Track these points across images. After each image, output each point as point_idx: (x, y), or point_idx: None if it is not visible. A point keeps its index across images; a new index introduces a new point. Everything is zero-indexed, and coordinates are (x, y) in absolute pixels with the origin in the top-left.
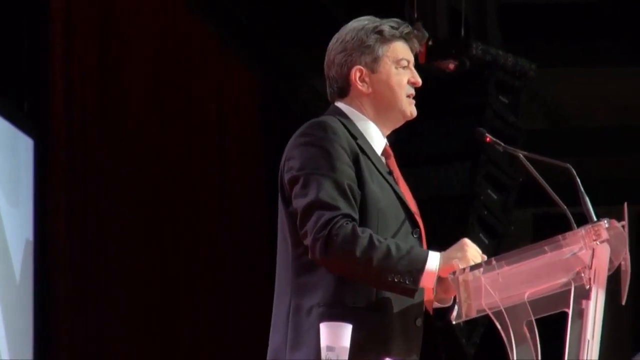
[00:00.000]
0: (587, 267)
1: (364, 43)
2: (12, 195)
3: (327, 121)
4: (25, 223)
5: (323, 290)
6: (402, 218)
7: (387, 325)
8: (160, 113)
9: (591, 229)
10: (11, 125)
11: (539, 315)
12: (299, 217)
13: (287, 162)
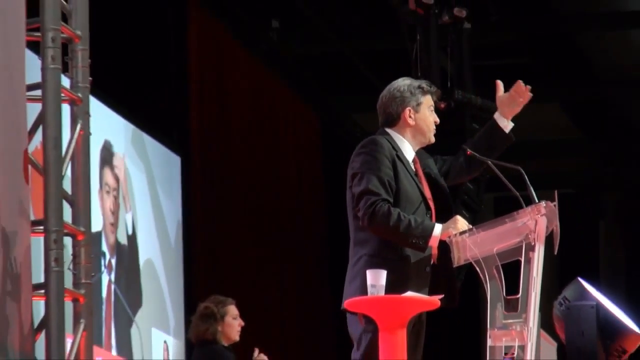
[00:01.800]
0: (532, 231)
1: (412, 93)
2: (168, 192)
3: (377, 138)
4: (177, 210)
5: (369, 246)
6: (421, 204)
7: (408, 271)
8: (255, 143)
9: (535, 207)
10: (166, 148)
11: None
12: (355, 199)
13: (350, 164)
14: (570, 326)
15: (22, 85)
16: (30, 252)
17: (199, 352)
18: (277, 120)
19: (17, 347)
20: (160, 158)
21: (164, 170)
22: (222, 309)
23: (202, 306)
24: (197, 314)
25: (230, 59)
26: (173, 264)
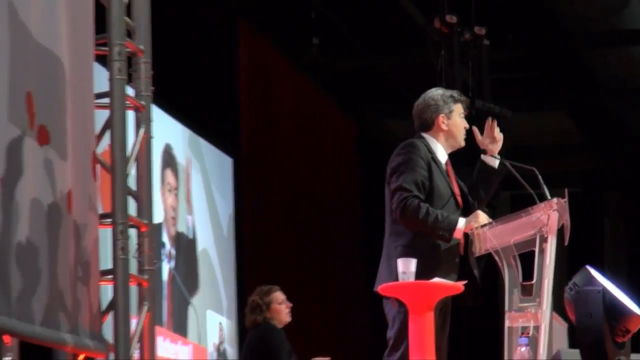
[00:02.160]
0: (545, 225)
1: (445, 102)
2: (221, 190)
3: (415, 142)
4: (229, 205)
5: (404, 238)
6: (451, 201)
7: (439, 259)
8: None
9: (547, 203)
10: (219, 151)
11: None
12: (391, 194)
13: (390, 163)
14: (580, 309)
15: (90, 94)
16: (98, 242)
17: (252, 332)
18: (317, 126)
19: (87, 327)
20: (214, 160)
21: (217, 170)
22: (267, 298)
23: (250, 300)
24: (247, 307)
25: (276, 71)
26: (226, 253)
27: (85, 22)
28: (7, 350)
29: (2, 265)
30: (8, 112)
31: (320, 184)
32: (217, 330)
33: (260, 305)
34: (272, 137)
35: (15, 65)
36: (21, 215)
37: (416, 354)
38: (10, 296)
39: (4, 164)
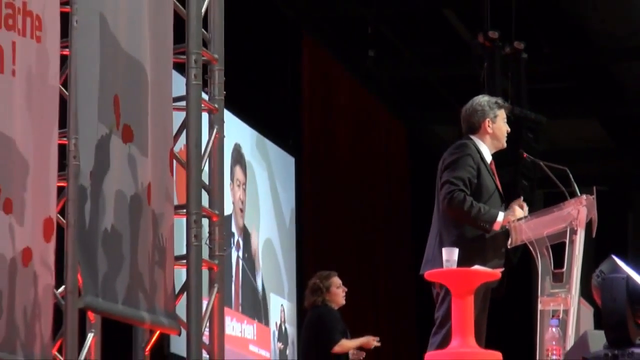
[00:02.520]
0: (575, 219)
1: (490, 107)
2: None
3: (467, 143)
4: (291, 199)
5: (452, 226)
6: (496, 196)
7: (486, 249)
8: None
9: (577, 200)
10: (283, 151)
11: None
12: (442, 185)
13: (444, 160)
14: (605, 294)
15: (169, 98)
16: (174, 230)
17: (311, 312)
18: (371, 130)
19: (163, 306)
20: (278, 159)
21: (281, 168)
22: (327, 282)
23: (311, 283)
24: (308, 289)
25: (335, 80)
26: (287, 242)
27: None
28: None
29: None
30: (98, 113)
31: (374, 182)
32: (279, 311)
33: (320, 288)
34: (331, 139)
35: (105, 71)
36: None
37: (458, 332)
38: (97, 278)
39: (93, 160)
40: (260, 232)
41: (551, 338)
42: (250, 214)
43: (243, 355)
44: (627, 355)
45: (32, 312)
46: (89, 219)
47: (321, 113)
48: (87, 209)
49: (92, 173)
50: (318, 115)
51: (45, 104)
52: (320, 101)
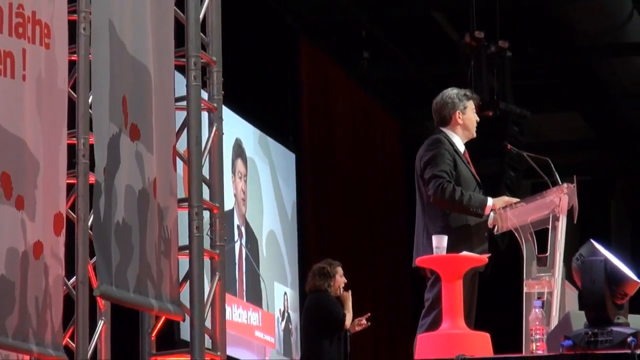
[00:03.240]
0: (557, 206)
1: (460, 99)
2: (285, 180)
3: (439, 137)
4: (292, 193)
5: (438, 218)
6: (474, 183)
7: (471, 236)
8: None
9: (559, 188)
10: (284, 147)
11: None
12: (428, 181)
13: (422, 158)
14: (585, 276)
15: (171, 98)
16: (178, 222)
17: (312, 296)
18: (367, 126)
19: (169, 293)
20: (280, 155)
21: (282, 164)
22: (334, 269)
23: (319, 266)
24: (315, 272)
25: (332, 81)
26: (290, 234)
27: (167, 37)
28: (101, 315)
29: (106, 241)
30: (109, 113)
31: (370, 176)
32: (282, 298)
33: (329, 272)
34: (329, 136)
35: (114, 74)
36: (118, 200)
37: (448, 314)
38: (111, 267)
39: (106, 157)
40: (264, 224)
41: (535, 318)
42: (254, 208)
43: (249, 341)
44: (606, 333)
45: (43, 302)
46: (103, 213)
47: (319, 112)
48: (102, 203)
49: (105, 169)
50: (317, 114)
51: (54, 107)
52: (318, 101)
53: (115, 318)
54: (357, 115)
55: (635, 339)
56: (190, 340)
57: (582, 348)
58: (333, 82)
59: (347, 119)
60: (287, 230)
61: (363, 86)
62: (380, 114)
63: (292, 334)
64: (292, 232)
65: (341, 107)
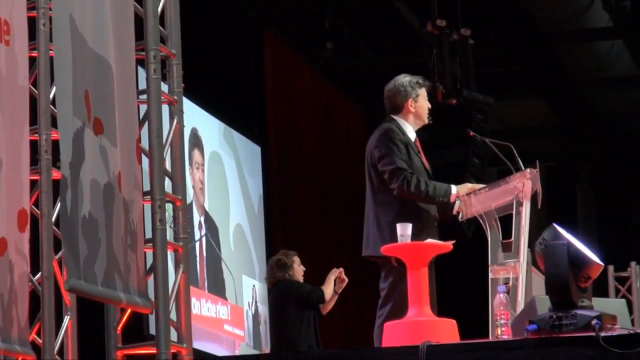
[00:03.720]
0: (521, 191)
1: (412, 87)
2: (251, 173)
3: (391, 127)
4: (258, 186)
5: (392, 209)
6: (424, 173)
7: (423, 225)
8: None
9: (522, 173)
10: (249, 140)
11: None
12: (389, 175)
13: (373, 148)
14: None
15: (133, 92)
16: (143, 215)
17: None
18: (332, 116)
19: (136, 286)
20: (245, 148)
21: (248, 157)
22: (290, 259)
23: (275, 259)
24: (273, 265)
25: (296, 72)
26: (257, 227)
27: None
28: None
29: (73, 235)
30: (73, 107)
31: (336, 165)
32: (251, 291)
33: (286, 263)
34: (294, 127)
35: (76, 68)
36: (84, 194)
37: (414, 302)
38: (79, 262)
39: (70, 151)
40: (231, 218)
41: (499, 304)
42: (220, 202)
43: (218, 335)
44: (571, 316)
45: (8, 299)
46: (70, 207)
47: (284, 104)
48: (68, 197)
49: (70, 164)
50: (281, 105)
51: (15, 103)
52: (282, 92)
53: (81, 313)
54: (322, 106)
55: (600, 321)
56: (156, 332)
57: (546, 332)
58: (297, 73)
59: (311, 110)
60: (254, 223)
61: (327, 76)
62: (345, 103)
63: (262, 327)
64: (259, 225)
65: (305, 98)
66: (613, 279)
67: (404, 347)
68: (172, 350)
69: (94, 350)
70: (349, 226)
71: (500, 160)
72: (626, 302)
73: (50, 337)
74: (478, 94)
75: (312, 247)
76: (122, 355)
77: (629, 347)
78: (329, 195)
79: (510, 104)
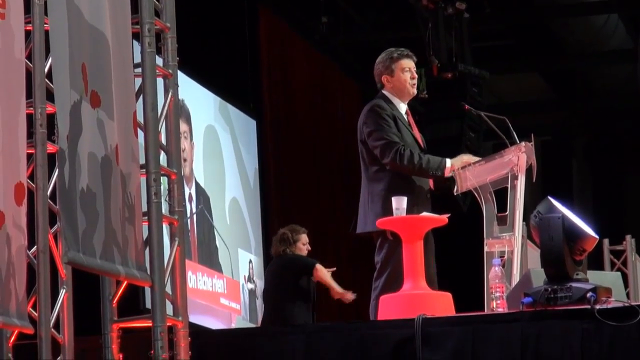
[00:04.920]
0: (516, 164)
1: (385, 63)
2: (247, 147)
3: (379, 103)
4: (254, 160)
5: (384, 183)
6: (416, 147)
7: (415, 198)
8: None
9: (517, 147)
10: (244, 114)
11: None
12: (381, 150)
13: (364, 125)
14: (543, 233)
15: (130, 65)
16: (140, 188)
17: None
18: (327, 90)
19: (134, 259)
20: (241, 122)
21: (243, 131)
22: (296, 236)
23: (281, 232)
24: (277, 237)
25: (291, 46)
26: (252, 201)
27: (123, 4)
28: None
29: (71, 208)
30: (70, 80)
31: (331, 138)
32: (247, 265)
33: (288, 239)
34: (289, 101)
35: (73, 42)
36: (82, 166)
37: (409, 275)
38: (77, 234)
39: (68, 124)
40: (226, 191)
41: (494, 277)
42: (216, 175)
43: (215, 308)
44: (566, 289)
45: (6, 273)
46: (68, 180)
47: (279, 78)
48: (66, 170)
49: (68, 137)
50: (276, 80)
51: (12, 77)
52: (278, 67)
53: (77, 286)
54: (317, 80)
55: (595, 294)
56: (152, 306)
57: (542, 305)
58: (292, 48)
59: (307, 84)
60: (250, 197)
61: (322, 51)
62: (340, 77)
63: (258, 301)
64: (255, 199)
65: (301, 72)
66: (608, 252)
67: (399, 320)
68: (167, 324)
69: (90, 324)
70: (344, 199)
71: (496, 134)
72: (621, 275)
73: (46, 310)
74: (473, 68)
75: (307, 220)
76: (118, 329)
77: (624, 320)
78: (324, 168)
79: (506, 78)
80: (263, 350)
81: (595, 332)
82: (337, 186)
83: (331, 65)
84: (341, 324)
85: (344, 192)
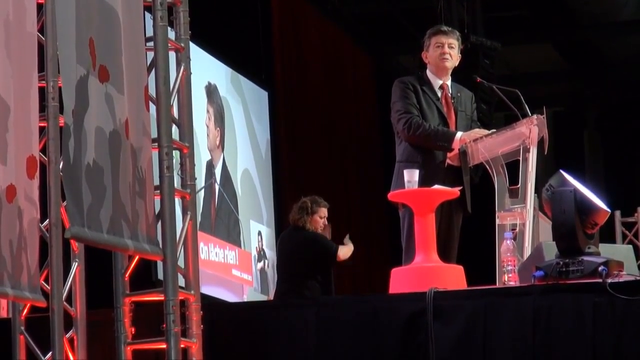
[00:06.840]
0: (527, 137)
1: (424, 41)
2: (259, 118)
3: (403, 79)
4: (266, 131)
5: (399, 154)
6: (436, 119)
7: (430, 170)
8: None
9: (528, 119)
10: (256, 85)
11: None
12: (397, 120)
13: (392, 95)
14: (555, 206)
15: (141, 38)
16: (152, 162)
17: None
18: (340, 62)
19: (145, 233)
20: (253, 93)
21: (255, 101)
22: (315, 207)
23: (302, 200)
24: (298, 204)
25: (304, 17)
26: (264, 172)
27: None
28: (75, 257)
29: (76, 183)
30: (76, 55)
31: (344, 110)
32: (257, 236)
33: (307, 208)
34: (302, 72)
35: (80, 16)
36: (88, 141)
37: (421, 248)
38: (82, 209)
39: (74, 99)
40: (238, 163)
41: (506, 250)
42: (228, 147)
43: (227, 279)
44: (577, 263)
45: (18, 245)
46: (73, 155)
47: (291, 49)
48: (71, 145)
49: (74, 111)
50: (288, 50)
51: (24, 50)
52: (290, 37)
53: (89, 260)
54: (329, 51)
55: (606, 268)
56: (164, 279)
57: (553, 278)
58: (304, 18)
59: (319, 55)
60: (262, 168)
61: (334, 22)
62: (353, 49)
63: (269, 272)
64: (267, 170)
65: (313, 44)
66: (620, 224)
67: (410, 294)
68: (180, 297)
69: (102, 297)
70: (356, 171)
71: (508, 106)
72: (633, 248)
73: (58, 283)
74: (485, 39)
75: (319, 192)
76: (130, 302)
77: (636, 294)
78: (336, 140)
79: (518, 49)
80: (275, 324)
81: (606, 305)
82: (349, 157)
83: (343, 36)
84: (353, 297)
85: (355, 165)
